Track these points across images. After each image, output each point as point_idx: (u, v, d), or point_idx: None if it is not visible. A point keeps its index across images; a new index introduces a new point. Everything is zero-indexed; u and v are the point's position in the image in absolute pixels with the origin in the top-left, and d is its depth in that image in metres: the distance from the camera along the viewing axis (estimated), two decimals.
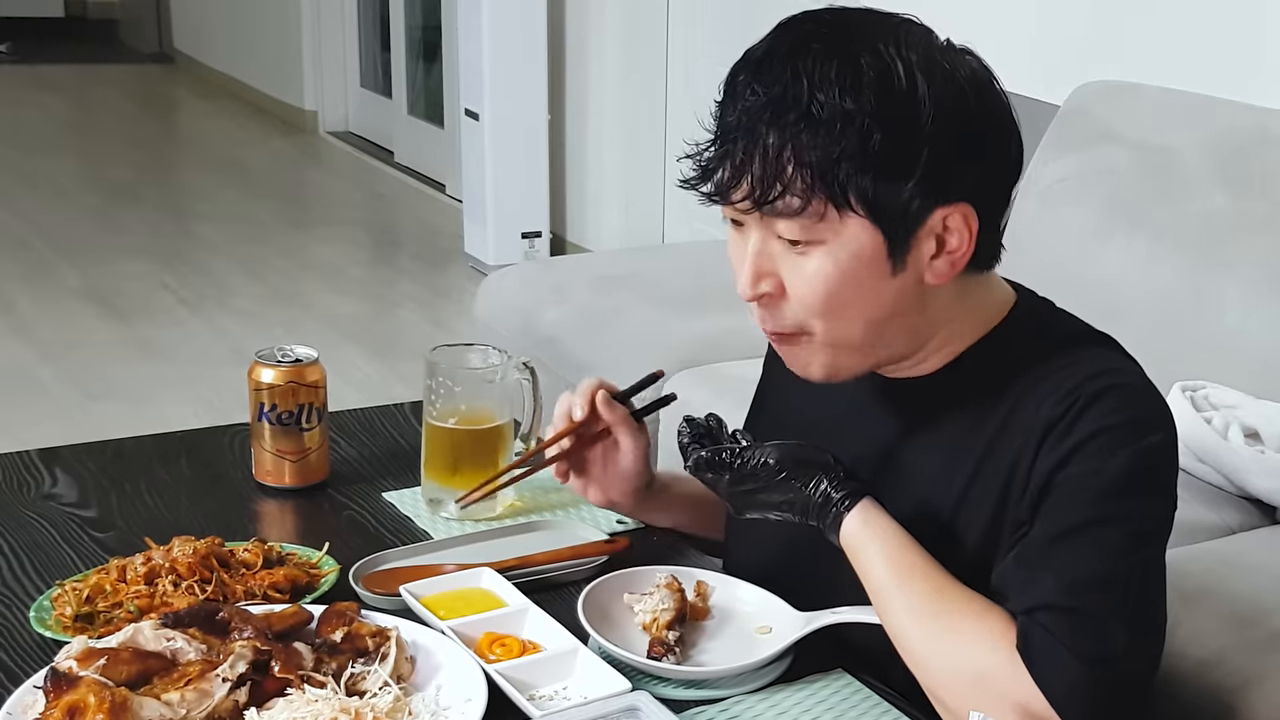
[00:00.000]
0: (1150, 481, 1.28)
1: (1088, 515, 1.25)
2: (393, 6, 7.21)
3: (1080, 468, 1.26)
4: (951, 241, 1.28)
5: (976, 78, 1.28)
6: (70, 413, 4.09)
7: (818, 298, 1.29)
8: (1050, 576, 1.24)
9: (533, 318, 3.26)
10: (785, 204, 1.24)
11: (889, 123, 1.21)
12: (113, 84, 9.22)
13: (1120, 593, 1.24)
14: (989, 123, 1.28)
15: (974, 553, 1.34)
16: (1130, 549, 1.25)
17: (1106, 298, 2.59)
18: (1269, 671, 1.81)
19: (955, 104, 1.24)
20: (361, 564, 1.55)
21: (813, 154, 1.22)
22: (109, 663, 1.25)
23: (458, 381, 1.71)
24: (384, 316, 5.18)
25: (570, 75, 5.43)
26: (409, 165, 7.03)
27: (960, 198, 1.27)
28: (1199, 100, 2.80)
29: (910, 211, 1.25)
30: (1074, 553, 1.24)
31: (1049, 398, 1.29)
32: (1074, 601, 1.22)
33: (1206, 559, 2.05)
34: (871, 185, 1.23)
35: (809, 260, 1.27)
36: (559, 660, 1.37)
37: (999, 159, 1.30)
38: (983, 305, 1.38)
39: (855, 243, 1.26)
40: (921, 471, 1.39)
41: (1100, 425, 1.26)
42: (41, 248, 5.64)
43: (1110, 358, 1.34)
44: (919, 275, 1.30)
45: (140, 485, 1.79)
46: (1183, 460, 2.40)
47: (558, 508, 1.77)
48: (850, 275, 1.27)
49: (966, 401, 1.37)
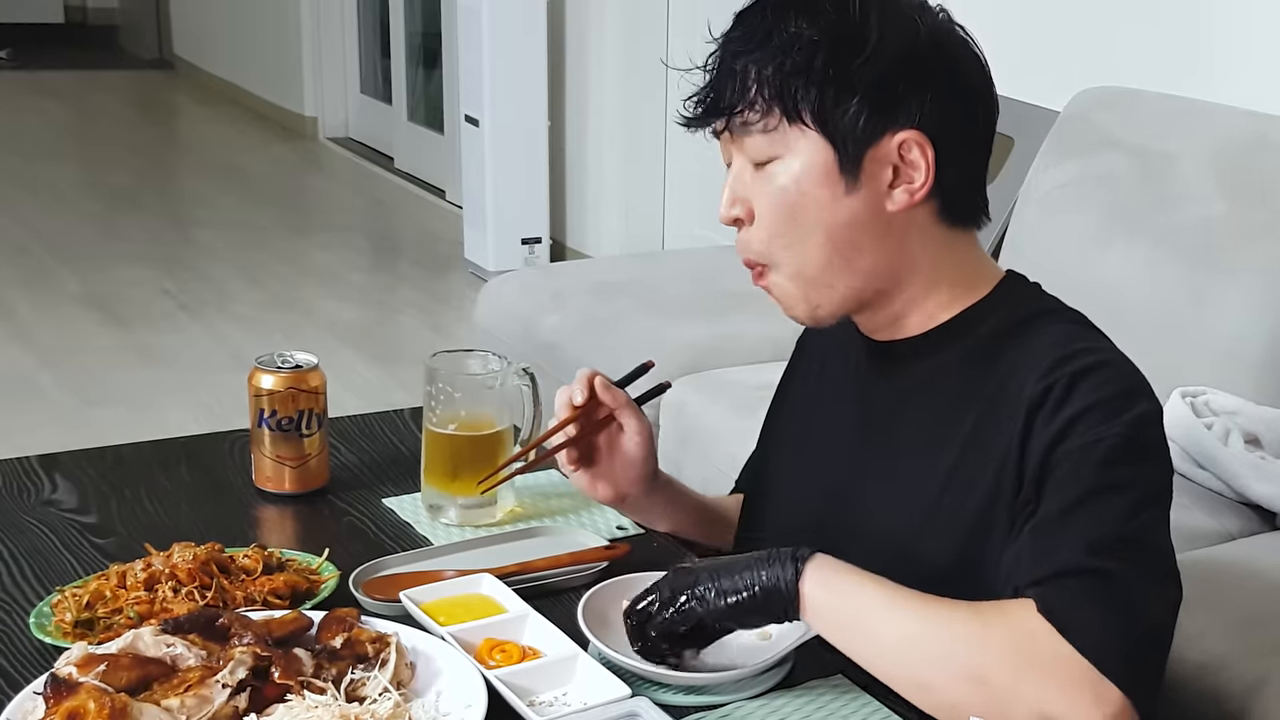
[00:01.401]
0: (1148, 448, 1.31)
1: (1093, 485, 1.27)
2: (393, 12, 7.22)
3: (1078, 441, 1.28)
4: (908, 172, 1.36)
5: (934, 21, 1.37)
6: (70, 419, 4.09)
7: (777, 213, 1.38)
8: (1066, 545, 1.25)
9: (533, 324, 3.27)
10: (745, 118, 1.36)
11: (836, 43, 1.33)
12: (113, 90, 9.23)
13: (1136, 547, 1.26)
14: (940, 57, 1.36)
15: (965, 529, 1.36)
16: (1138, 509, 1.28)
17: (1106, 303, 2.58)
18: (1271, 676, 1.81)
19: (902, 32, 1.34)
20: (361, 570, 1.55)
21: (767, 71, 1.34)
22: (109, 669, 1.25)
23: (457, 388, 1.71)
24: (384, 322, 5.18)
25: (570, 81, 5.44)
26: (409, 171, 7.03)
27: (909, 124, 1.34)
28: (1199, 106, 2.80)
29: (858, 128, 1.33)
30: (1087, 519, 1.26)
31: (1031, 374, 1.33)
32: (1094, 562, 1.24)
33: (1207, 565, 2.05)
34: (818, 99, 1.33)
35: (771, 179, 1.37)
36: (559, 666, 1.37)
37: (951, 92, 1.37)
38: (969, 267, 1.44)
39: (807, 155, 1.35)
40: (909, 444, 1.43)
41: (1091, 400, 1.29)
42: (41, 254, 5.64)
43: (1086, 334, 1.39)
44: (878, 202, 1.36)
45: (140, 491, 1.78)
46: (1183, 466, 2.42)
47: (558, 513, 1.77)
48: (805, 190, 1.36)
49: (953, 374, 1.41)
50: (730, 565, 1.32)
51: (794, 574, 1.29)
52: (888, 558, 1.35)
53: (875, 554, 1.36)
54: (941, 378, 1.42)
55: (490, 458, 1.72)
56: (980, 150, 1.42)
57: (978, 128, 1.40)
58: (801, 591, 1.29)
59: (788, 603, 1.29)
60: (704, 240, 4.82)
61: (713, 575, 1.32)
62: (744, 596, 1.30)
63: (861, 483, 1.48)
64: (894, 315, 1.44)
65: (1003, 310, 1.41)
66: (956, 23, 1.40)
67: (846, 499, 1.50)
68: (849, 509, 1.49)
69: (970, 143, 1.40)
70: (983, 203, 1.44)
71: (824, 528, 1.49)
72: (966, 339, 1.41)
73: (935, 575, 1.33)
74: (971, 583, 1.32)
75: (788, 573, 1.29)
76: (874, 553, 1.36)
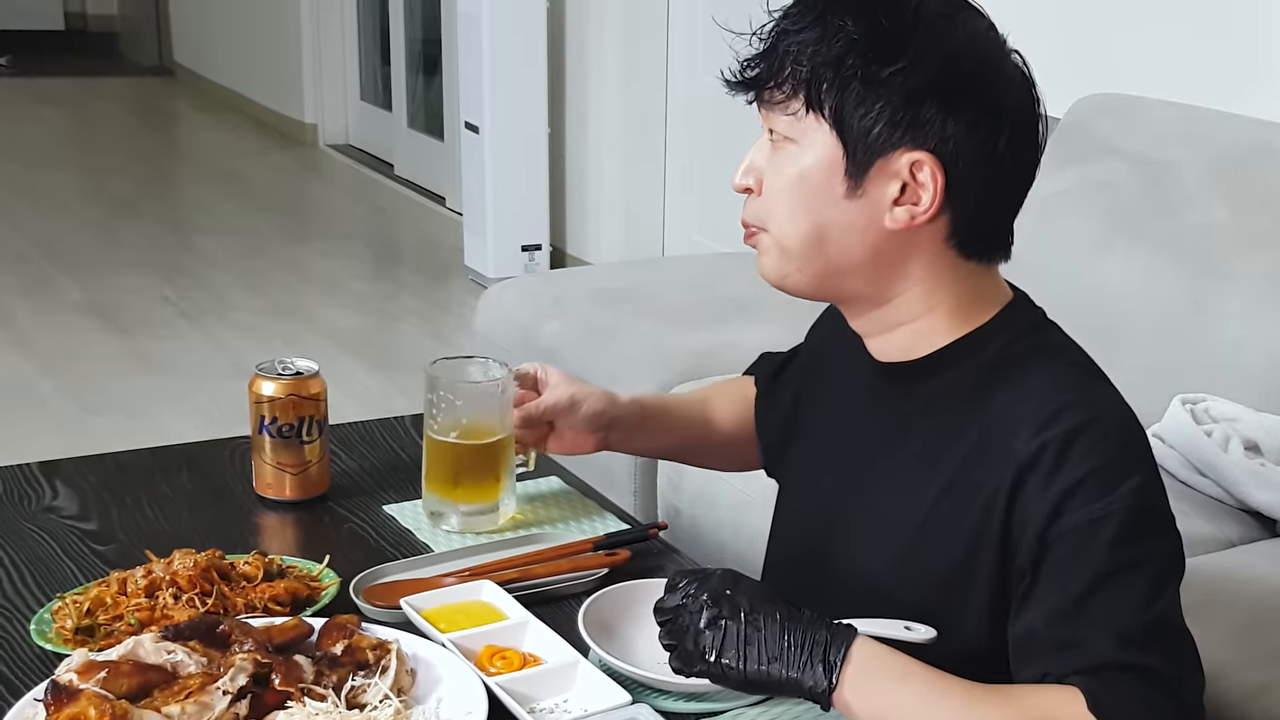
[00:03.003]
0: (1154, 520, 1.29)
1: (1107, 567, 1.25)
2: (393, 19, 7.22)
3: (1079, 518, 1.26)
4: (915, 192, 1.32)
5: (985, 49, 1.33)
6: (70, 426, 4.09)
7: (775, 189, 1.37)
8: (1097, 635, 1.24)
9: (533, 331, 3.26)
10: (772, 95, 1.35)
11: (873, 46, 1.30)
12: (112, 97, 9.23)
13: (1166, 636, 1.26)
14: (979, 87, 1.32)
15: (941, 571, 1.35)
16: (1160, 589, 1.27)
17: (1106, 310, 2.60)
18: (1272, 684, 1.81)
19: (944, 53, 1.31)
20: (362, 577, 1.55)
21: (804, 56, 1.32)
22: (109, 675, 1.25)
23: (458, 395, 1.71)
24: (384, 329, 5.18)
25: (570, 88, 5.44)
26: (409, 178, 7.03)
27: (927, 145, 1.31)
28: (1199, 113, 2.80)
29: (872, 135, 1.31)
30: (1110, 605, 1.25)
31: (1023, 426, 1.29)
32: (1132, 657, 1.23)
33: (1207, 572, 2.05)
34: (840, 95, 1.31)
35: (784, 162, 1.36)
36: (559, 673, 1.37)
37: (981, 125, 1.32)
38: (975, 295, 1.39)
39: (820, 148, 1.33)
40: (892, 481, 1.41)
41: (1086, 469, 1.27)
42: (41, 261, 5.64)
43: (1081, 380, 1.35)
44: (878, 214, 1.34)
45: (141, 498, 1.79)
46: (1182, 473, 2.42)
47: (558, 521, 1.78)
48: (807, 177, 1.35)
49: (945, 406, 1.38)
50: (764, 639, 1.27)
51: (827, 684, 1.25)
52: (863, 602, 1.35)
53: (851, 598, 1.36)
54: (930, 412, 1.39)
55: (492, 466, 1.72)
56: (1007, 189, 1.37)
57: (1005, 165, 1.34)
58: (836, 700, 1.26)
59: (822, 703, 1.27)
60: (704, 247, 4.82)
61: (746, 644, 1.27)
62: (775, 684, 1.27)
63: (845, 522, 1.46)
64: (883, 323, 1.41)
65: (1001, 340, 1.37)
66: (1017, 56, 1.36)
67: (831, 536, 1.48)
68: (832, 550, 1.47)
69: (995, 179, 1.35)
70: (1003, 240, 1.39)
71: (808, 567, 1.49)
72: (960, 368, 1.38)
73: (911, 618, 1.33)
74: (939, 633, 1.31)
75: (821, 682, 1.25)
76: (850, 597, 1.37)
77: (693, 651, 1.28)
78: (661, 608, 1.32)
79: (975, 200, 1.34)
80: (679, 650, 1.30)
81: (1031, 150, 1.37)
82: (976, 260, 1.38)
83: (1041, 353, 1.37)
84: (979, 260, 1.38)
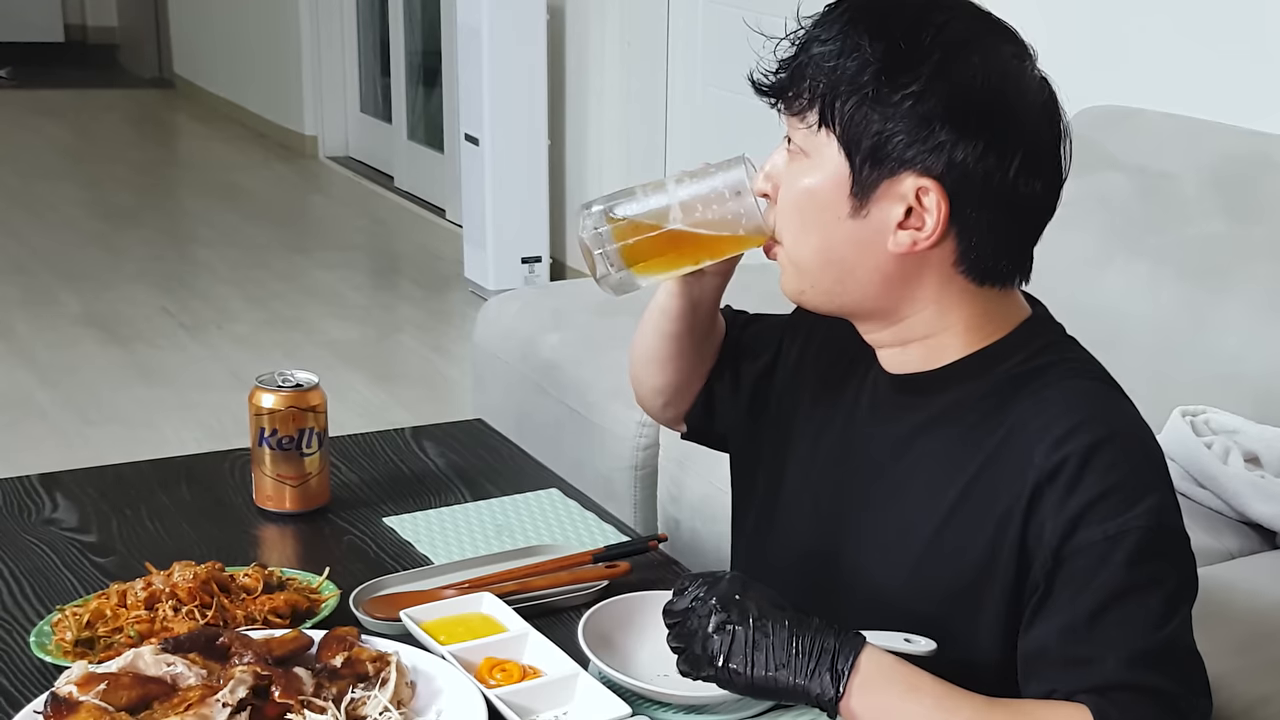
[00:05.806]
0: (1171, 539, 1.29)
1: (1123, 585, 1.25)
2: (393, 32, 7.22)
3: (1095, 533, 1.26)
4: (919, 217, 1.31)
5: (1011, 82, 1.32)
6: (70, 438, 4.08)
7: (787, 201, 1.37)
8: (1107, 654, 1.24)
9: (533, 343, 3.26)
10: (790, 105, 1.35)
11: (889, 67, 1.29)
12: (112, 109, 9.23)
13: (1176, 658, 1.26)
14: (995, 118, 1.30)
15: (955, 582, 1.34)
16: (1172, 610, 1.27)
17: (1106, 322, 2.60)
18: (1272, 696, 1.81)
19: (961, 81, 1.29)
20: (362, 589, 1.55)
21: (821, 70, 1.32)
22: (109, 688, 1.25)
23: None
24: (384, 341, 5.18)
25: (570, 100, 5.44)
26: (409, 190, 7.03)
27: (933, 172, 1.29)
28: (1199, 125, 2.81)
29: (879, 156, 1.30)
30: (1123, 625, 1.25)
31: (1041, 439, 1.29)
32: (1142, 677, 1.23)
33: (1207, 584, 2.03)
34: (852, 113, 1.30)
35: (797, 174, 1.36)
36: (559, 685, 1.37)
37: (994, 155, 1.30)
38: (990, 314, 1.38)
39: (828, 165, 1.33)
40: (906, 486, 1.40)
41: (1105, 485, 1.26)
42: (41, 273, 5.64)
43: (1100, 395, 1.35)
44: (881, 237, 1.33)
45: (141, 510, 1.79)
46: (1183, 485, 2.41)
47: (558, 533, 1.78)
48: (814, 193, 1.34)
49: (960, 416, 1.37)
50: (772, 645, 1.27)
51: (834, 693, 1.26)
52: (872, 613, 1.35)
53: (859, 608, 1.36)
54: (944, 424, 1.38)
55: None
56: (1019, 218, 1.35)
57: (1017, 194, 1.32)
58: (843, 709, 1.27)
59: (829, 711, 1.27)
60: None
61: (754, 650, 1.27)
62: (781, 690, 1.28)
63: (851, 532, 1.45)
64: (896, 338, 1.40)
65: (1020, 354, 1.37)
66: (1045, 83, 1.36)
67: (836, 546, 1.47)
68: (838, 559, 1.46)
69: (1004, 208, 1.33)
70: (1018, 267, 1.38)
71: (811, 575, 1.48)
72: (976, 380, 1.37)
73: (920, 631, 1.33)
74: (950, 644, 1.32)
75: (828, 690, 1.26)
76: (858, 608, 1.37)
77: (700, 655, 1.28)
78: (670, 610, 1.32)
79: (983, 228, 1.33)
80: (686, 653, 1.30)
81: (1048, 179, 1.35)
82: (990, 284, 1.37)
83: (1061, 367, 1.36)
84: (992, 284, 1.37)
